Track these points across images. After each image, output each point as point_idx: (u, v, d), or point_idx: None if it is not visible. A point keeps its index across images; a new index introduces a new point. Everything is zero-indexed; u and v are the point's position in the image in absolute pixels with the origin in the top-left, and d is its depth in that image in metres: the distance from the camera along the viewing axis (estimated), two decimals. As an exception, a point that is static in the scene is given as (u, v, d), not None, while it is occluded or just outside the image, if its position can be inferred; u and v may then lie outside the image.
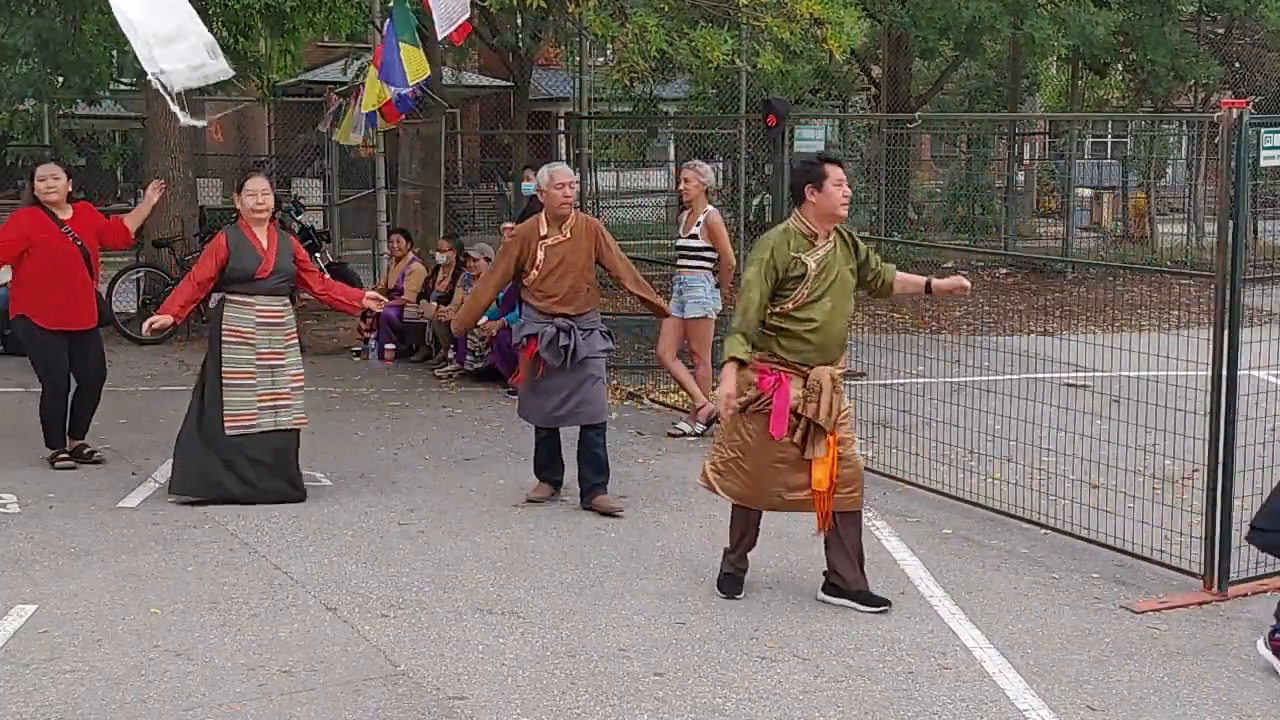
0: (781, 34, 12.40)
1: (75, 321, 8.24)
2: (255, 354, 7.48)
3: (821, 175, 5.81)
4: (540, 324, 7.35)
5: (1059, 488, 7.51)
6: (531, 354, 7.36)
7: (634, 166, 28.08)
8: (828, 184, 5.79)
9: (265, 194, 7.61)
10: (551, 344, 7.29)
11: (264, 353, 7.51)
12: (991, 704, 5.02)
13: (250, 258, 7.50)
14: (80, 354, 8.34)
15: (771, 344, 5.85)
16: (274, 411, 7.53)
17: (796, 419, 5.79)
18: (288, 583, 6.28)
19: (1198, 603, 6.11)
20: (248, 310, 7.50)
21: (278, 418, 7.54)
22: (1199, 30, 22.97)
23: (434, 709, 4.92)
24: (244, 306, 7.50)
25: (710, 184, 9.56)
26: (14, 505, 7.53)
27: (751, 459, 5.89)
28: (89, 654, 5.38)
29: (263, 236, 7.59)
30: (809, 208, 5.86)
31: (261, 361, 7.50)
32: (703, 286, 9.32)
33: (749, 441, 5.88)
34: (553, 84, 28.62)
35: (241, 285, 7.49)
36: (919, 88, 24.73)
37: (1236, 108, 6.01)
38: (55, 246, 8.14)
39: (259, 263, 7.50)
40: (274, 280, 7.57)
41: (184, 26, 6.96)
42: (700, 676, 5.23)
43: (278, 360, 7.55)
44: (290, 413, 7.60)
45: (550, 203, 7.45)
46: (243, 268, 7.48)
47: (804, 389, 5.79)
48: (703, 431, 9.32)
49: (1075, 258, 19.75)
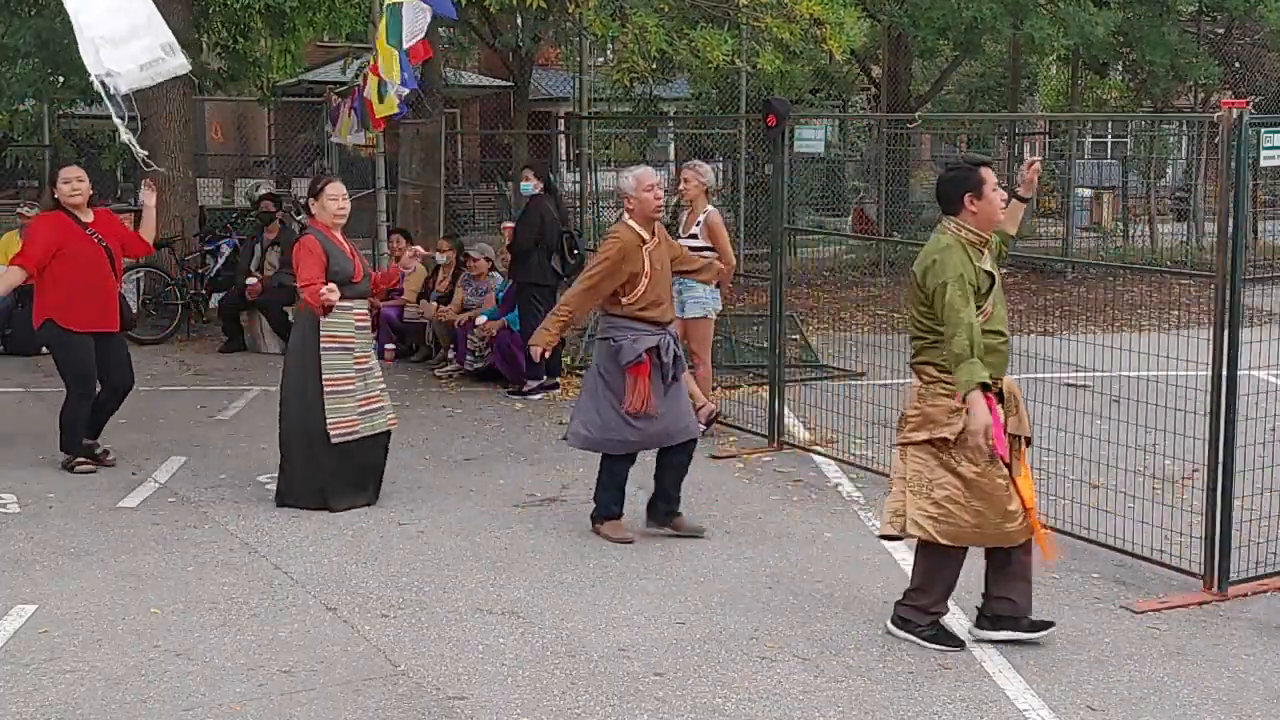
0: (781, 34, 12.42)
1: (102, 324, 8.16)
2: (353, 359, 7.36)
3: (980, 181, 5.44)
4: (656, 336, 6.83)
5: (1059, 488, 7.51)
6: (648, 371, 6.77)
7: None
8: (986, 189, 5.43)
9: (346, 199, 7.48)
10: (675, 357, 6.88)
11: (360, 357, 7.40)
12: (991, 704, 5.03)
13: (344, 262, 7.35)
14: (106, 357, 8.24)
15: None
16: (370, 416, 7.43)
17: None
18: (288, 583, 6.28)
19: (1198, 603, 6.11)
20: (346, 315, 7.34)
21: (373, 422, 7.44)
22: (1199, 30, 22.97)
23: (434, 709, 4.92)
24: (343, 311, 7.32)
25: (710, 184, 9.55)
26: (14, 505, 7.53)
27: (975, 492, 5.34)
28: (89, 654, 5.38)
29: (344, 242, 7.47)
30: (969, 216, 5.44)
31: (359, 366, 7.39)
32: (702, 286, 9.30)
33: (966, 474, 5.34)
34: (553, 84, 28.62)
35: (340, 290, 7.30)
36: (919, 87, 24.73)
37: (1236, 108, 6.01)
38: (81, 250, 8.07)
39: (351, 266, 7.37)
40: (365, 284, 7.49)
41: (138, 27, 6.82)
42: (700, 676, 5.23)
43: (368, 363, 7.46)
44: (383, 415, 7.53)
45: (643, 208, 6.93)
46: (341, 271, 7.31)
47: (1002, 404, 5.40)
48: (702, 432, 9.30)
49: (1075, 258, 19.75)
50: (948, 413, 5.33)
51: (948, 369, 5.31)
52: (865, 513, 7.45)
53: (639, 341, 6.73)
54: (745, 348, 12.50)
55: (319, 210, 7.47)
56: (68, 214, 8.14)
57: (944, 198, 5.54)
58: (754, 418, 9.50)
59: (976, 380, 5.17)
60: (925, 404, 5.42)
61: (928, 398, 5.41)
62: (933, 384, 5.41)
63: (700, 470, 8.44)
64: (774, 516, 7.20)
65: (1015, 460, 5.43)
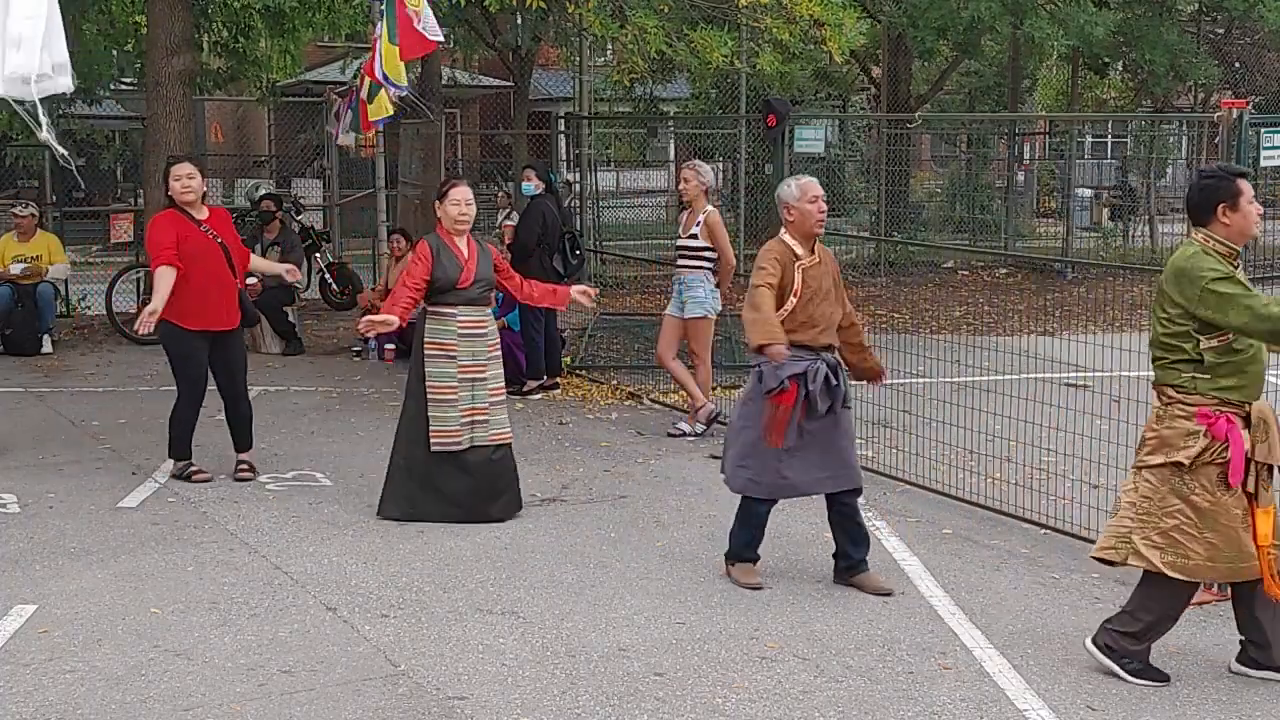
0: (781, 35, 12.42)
1: (218, 322, 7.96)
2: (457, 367, 7.21)
3: (1236, 193, 5.11)
4: (806, 360, 6.11)
5: (1059, 488, 7.51)
6: (793, 401, 6.08)
7: (634, 166, 28.10)
8: (1242, 201, 5.11)
9: (470, 204, 7.33)
10: (826, 385, 6.15)
11: (466, 365, 7.23)
12: (991, 704, 5.03)
13: (453, 266, 7.21)
14: (222, 356, 8.06)
15: (1212, 382, 5.06)
16: (472, 428, 7.27)
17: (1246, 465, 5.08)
18: (288, 583, 6.28)
19: (1198, 603, 6.09)
20: (449, 322, 7.23)
21: (474, 434, 7.26)
22: (1199, 30, 22.98)
23: (434, 709, 4.92)
24: (445, 318, 7.23)
25: (709, 184, 9.56)
26: (14, 505, 7.53)
27: (1208, 521, 5.07)
28: (89, 654, 5.38)
29: (463, 246, 7.31)
30: (1221, 228, 5.12)
31: (463, 375, 7.23)
32: (703, 286, 9.32)
33: (1200, 501, 5.08)
34: (553, 84, 28.62)
35: (442, 296, 7.18)
36: (919, 87, 24.74)
37: (1236, 108, 6.02)
38: (197, 246, 7.85)
39: (460, 272, 7.22)
40: (476, 290, 7.30)
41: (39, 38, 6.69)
42: (700, 676, 5.24)
43: (479, 373, 7.28)
44: (488, 429, 7.28)
45: (805, 220, 6.22)
46: (445, 277, 7.18)
47: (1249, 429, 5.10)
48: (702, 432, 9.32)
49: (1075, 258, 19.75)
50: (1184, 435, 5.09)
51: (1187, 389, 5.09)
52: (865, 512, 7.44)
53: (783, 368, 6.05)
54: (745, 347, 12.49)
55: (441, 213, 7.33)
56: (181, 211, 7.94)
57: (1196, 207, 5.19)
58: (754, 418, 9.49)
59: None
60: (1162, 426, 5.17)
61: (1165, 419, 5.16)
62: (1170, 405, 5.15)
63: (700, 470, 8.46)
64: (773, 516, 7.19)
65: (1261, 490, 5.11)
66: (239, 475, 8.10)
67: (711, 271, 9.38)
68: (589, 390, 10.99)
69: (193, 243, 7.85)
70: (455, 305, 7.23)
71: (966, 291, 17.84)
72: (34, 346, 12.63)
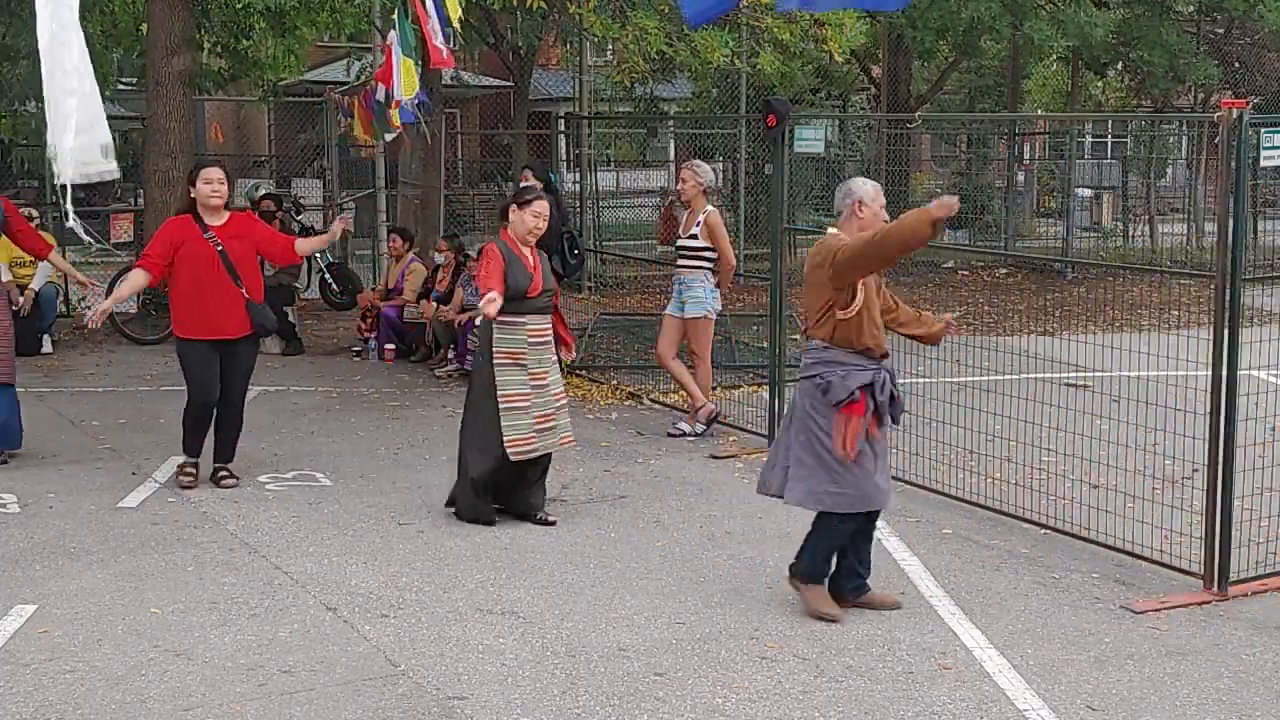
0: (781, 35, 12.44)
1: (220, 329, 7.87)
2: (528, 374, 7.22)
3: None
4: (871, 370, 5.84)
5: (1059, 488, 7.52)
6: (863, 412, 5.78)
7: (634, 166, 28.10)
8: None
9: (543, 219, 7.31)
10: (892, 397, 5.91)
11: (535, 372, 7.24)
12: (991, 704, 5.03)
13: (523, 275, 7.21)
14: (228, 364, 7.97)
15: None
16: (542, 434, 7.27)
17: None
18: (288, 583, 6.28)
19: (1198, 603, 6.11)
20: (518, 330, 7.21)
21: (545, 440, 7.27)
22: (1198, 30, 22.98)
23: (434, 709, 4.92)
24: (514, 326, 7.20)
25: (709, 184, 9.56)
26: (14, 505, 7.53)
27: None
28: (89, 654, 5.38)
29: (529, 255, 7.32)
30: None
31: (534, 382, 7.23)
32: (702, 286, 9.32)
33: None
34: (553, 84, 28.64)
35: (512, 304, 7.11)
36: (919, 87, 24.74)
37: (1236, 108, 6.02)
38: (195, 253, 7.80)
39: (529, 281, 7.22)
40: (543, 299, 7.32)
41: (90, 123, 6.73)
42: (700, 676, 5.24)
43: (544, 380, 7.30)
44: (556, 434, 7.31)
45: (874, 223, 5.90)
46: (517, 285, 7.17)
47: None
48: (702, 432, 9.32)
49: (1075, 258, 19.76)
50: None
51: None
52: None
53: (850, 377, 5.78)
54: (745, 348, 12.51)
55: (517, 221, 7.29)
56: (195, 216, 7.89)
57: None
58: (754, 418, 9.50)
59: None
60: None
61: None
62: None
63: (700, 470, 8.46)
64: (774, 516, 7.20)
65: None
66: (219, 481, 7.99)
67: (711, 271, 9.38)
68: (589, 390, 10.99)
69: (192, 250, 7.83)
70: (524, 314, 7.23)
71: (966, 291, 17.84)
72: (34, 346, 12.62)
